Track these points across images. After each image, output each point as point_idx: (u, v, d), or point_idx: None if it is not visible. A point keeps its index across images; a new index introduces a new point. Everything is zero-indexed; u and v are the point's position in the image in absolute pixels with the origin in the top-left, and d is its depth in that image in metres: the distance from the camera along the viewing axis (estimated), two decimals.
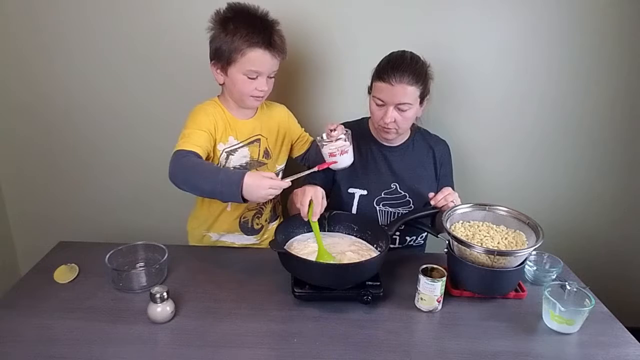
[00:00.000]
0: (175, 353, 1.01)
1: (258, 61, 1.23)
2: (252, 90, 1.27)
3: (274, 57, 1.25)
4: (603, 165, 1.84)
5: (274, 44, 1.23)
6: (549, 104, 1.75)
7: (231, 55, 1.22)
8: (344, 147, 1.26)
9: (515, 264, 1.17)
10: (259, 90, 1.27)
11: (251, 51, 1.21)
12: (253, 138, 1.36)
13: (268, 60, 1.24)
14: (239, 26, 1.20)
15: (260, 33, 1.21)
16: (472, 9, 1.61)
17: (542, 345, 1.07)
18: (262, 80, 1.26)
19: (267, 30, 1.22)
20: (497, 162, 1.84)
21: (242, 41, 1.20)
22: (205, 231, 1.46)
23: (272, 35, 1.23)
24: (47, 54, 1.67)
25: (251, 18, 1.22)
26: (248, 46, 1.20)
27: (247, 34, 1.19)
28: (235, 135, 1.33)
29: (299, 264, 1.13)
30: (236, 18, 1.22)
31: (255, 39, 1.20)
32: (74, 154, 1.82)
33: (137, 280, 1.20)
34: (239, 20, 1.21)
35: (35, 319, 1.09)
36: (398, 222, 1.33)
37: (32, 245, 1.88)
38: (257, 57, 1.22)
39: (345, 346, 1.04)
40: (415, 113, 1.38)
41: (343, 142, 1.25)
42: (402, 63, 1.32)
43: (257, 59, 1.22)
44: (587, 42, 1.66)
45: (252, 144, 1.36)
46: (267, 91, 1.30)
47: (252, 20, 1.22)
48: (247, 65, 1.23)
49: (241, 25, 1.20)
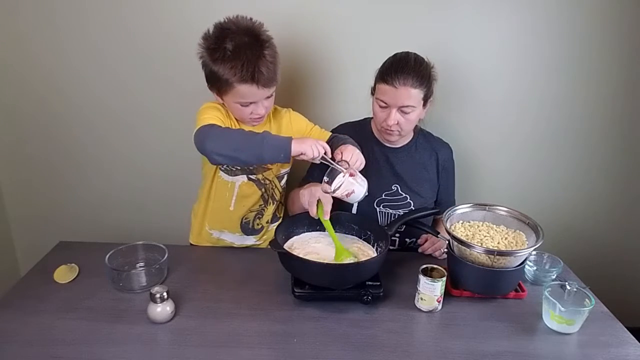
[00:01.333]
0: (175, 353, 1.01)
1: (247, 94, 1.20)
2: (249, 114, 1.25)
3: (263, 88, 1.20)
4: (603, 165, 1.84)
5: (260, 78, 1.17)
6: (549, 104, 1.75)
7: (221, 86, 1.20)
8: (347, 190, 1.20)
9: (515, 264, 1.17)
10: (255, 114, 1.25)
11: (238, 85, 1.18)
12: None
13: (257, 91, 1.20)
14: (225, 58, 1.16)
15: (245, 67, 1.15)
16: (473, 9, 1.61)
17: (542, 345, 1.07)
18: (257, 105, 1.24)
19: (253, 63, 1.16)
20: (497, 162, 1.84)
21: (229, 75, 1.16)
22: (208, 228, 1.45)
23: (258, 67, 1.16)
24: (47, 54, 1.66)
25: (237, 47, 1.16)
26: (235, 81, 1.17)
27: (231, 67, 1.15)
28: None
29: (299, 264, 1.13)
30: (222, 46, 1.16)
31: (240, 74, 1.16)
32: (74, 154, 1.82)
33: (137, 280, 1.20)
34: (226, 50, 1.16)
35: (35, 319, 1.09)
36: (398, 222, 1.33)
37: (32, 245, 1.88)
38: (245, 91, 1.19)
39: (345, 346, 1.04)
40: (418, 115, 1.37)
41: (345, 187, 1.19)
42: (406, 65, 1.31)
43: (245, 92, 1.19)
44: (588, 42, 1.66)
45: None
46: (266, 112, 1.28)
47: (237, 50, 1.16)
48: (237, 97, 1.21)
49: (227, 57, 1.16)
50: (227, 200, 1.40)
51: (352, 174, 1.18)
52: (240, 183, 1.37)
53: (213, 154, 1.11)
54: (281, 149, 1.11)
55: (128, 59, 1.67)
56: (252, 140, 1.11)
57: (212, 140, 1.11)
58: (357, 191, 1.21)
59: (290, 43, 1.65)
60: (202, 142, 1.12)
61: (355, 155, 1.21)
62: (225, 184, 1.37)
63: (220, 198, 1.40)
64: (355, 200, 1.23)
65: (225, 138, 1.13)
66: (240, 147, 1.11)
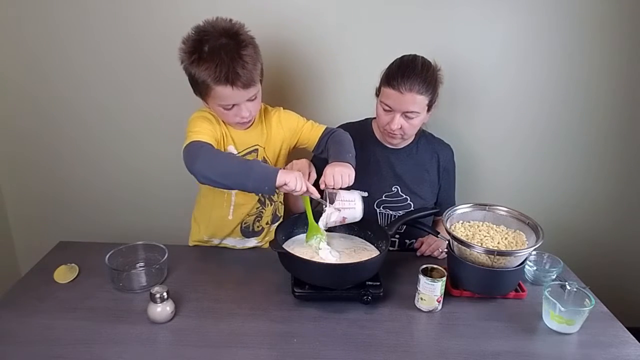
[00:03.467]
0: (175, 353, 1.01)
1: (225, 96, 1.17)
2: (234, 117, 1.23)
3: (241, 89, 1.16)
4: (603, 165, 1.85)
5: (235, 79, 1.13)
6: (549, 104, 1.75)
7: (201, 89, 1.19)
8: (337, 219, 1.23)
9: (515, 264, 1.17)
10: (240, 116, 1.23)
11: (217, 87, 1.15)
12: (251, 148, 1.34)
13: (234, 93, 1.16)
14: (202, 59, 1.13)
15: (219, 68, 1.12)
16: (473, 9, 1.61)
17: (542, 345, 1.07)
18: (240, 107, 1.21)
19: (227, 64, 1.12)
20: (498, 162, 1.84)
21: (205, 77, 1.14)
22: (207, 237, 1.45)
23: (233, 68, 1.12)
24: (47, 54, 1.66)
25: (212, 49, 1.13)
26: (212, 82, 1.14)
27: (206, 68, 1.13)
28: (234, 145, 1.31)
29: (299, 264, 1.13)
30: (199, 48, 1.14)
31: (214, 75, 1.12)
32: (74, 154, 1.82)
33: (137, 280, 1.20)
34: (202, 52, 1.13)
35: (35, 319, 1.09)
36: (398, 222, 1.33)
37: (32, 245, 1.88)
38: (222, 93, 1.16)
39: (345, 346, 1.04)
40: (422, 120, 1.37)
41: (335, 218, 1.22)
42: (414, 71, 1.30)
43: (223, 94, 1.16)
44: (588, 43, 1.66)
45: (249, 155, 1.34)
46: (252, 114, 1.25)
47: (213, 52, 1.13)
48: (217, 100, 1.19)
49: (203, 58, 1.13)
50: (225, 210, 1.40)
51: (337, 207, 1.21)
52: (236, 192, 1.37)
53: (200, 176, 1.11)
54: (266, 181, 1.09)
55: (128, 60, 1.67)
56: (240, 168, 1.11)
57: (202, 162, 1.10)
58: (350, 214, 1.23)
59: (289, 44, 1.65)
60: (192, 162, 1.11)
61: (336, 176, 1.18)
62: (222, 195, 1.37)
63: (218, 207, 1.39)
64: (354, 219, 1.26)
65: (214, 162, 1.11)
66: (227, 174, 1.11)
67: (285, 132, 1.38)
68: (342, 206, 1.22)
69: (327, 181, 1.18)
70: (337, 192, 1.23)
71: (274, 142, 1.37)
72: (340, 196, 1.23)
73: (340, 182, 1.18)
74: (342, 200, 1.23)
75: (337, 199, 1.22)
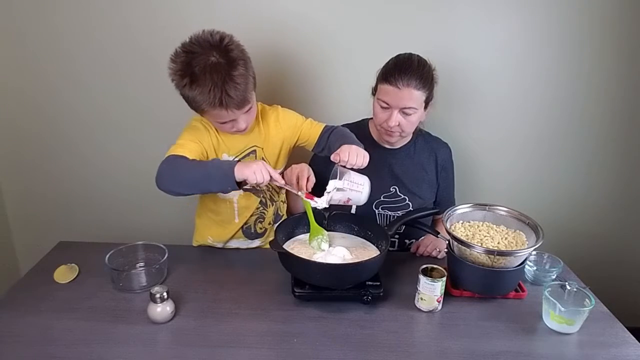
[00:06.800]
0: (175, 353, 1.01)
1: (220, 116, 1.18)
2: (231, 129, 1.24)
3: (238, 109, 1.16)
4: (603, 165, 1.85)
5: (229, 102, 1.13)
6: (549, 104, 1.75)
7: (195, 108, 1.19)
8: (342, 199, 1.20)
9: (515, 264, 1.17)
10: (237, 128, 1.23)
11: (210, 109, 1.15)
12: (248, 150, 1.33)
13: (231, 113, 1.17)
14: (193, 83, 1.12)
15: (212, 93, 1.11)
16: (473, 9, 1.61)
17: (542, 345, 1.07)
18: (235, 121, 1.21)
19: (220, 87, 1.11)
20: (497, 162, 1.84)
21: (198, 101, 1.14)
22: (212, 241, 1.45)
23: (226, 92, 1.11)
24: (48, 55, 1.66)
25: (203, 71, 1.11)
26: (205, 107, 1.15)
27: (200, 93, 1.12)
28: (228, 151, 1.31)
29: (299, 264, 1.13)
30: (189, 71, 1.12)
31: (211, 100, 1.12)
32: (74, 154, 1.82)
33: (137, 280, 1.20)
34: (193, 75, 1.12)
35: (35, 319, 1.09)
36: (397, 222, 1.33)
37: (32, 245, 1.88)
38: (217, 114, 1.17)
39: (345, 346, 1.04)
40: (419, 117, 1.37)
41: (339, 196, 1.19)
42: (410, 66, 1.31)
43: (218, 114, 1.17)
44: (588, 43, 1.66)
45: (247, 157, 1.33)
46: (248, 125, 1.24)
47: (204, 74, 1.11)
48: (213, 118, 1.21)
49: (195, 82, 1.12)
50: (230, 215, 1.40)
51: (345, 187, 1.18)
52: (237, 197, 1.37)
53: (169, 192, 1.15)
54: (227, 182, 1.09)
55: (128, 61, 1.67)
56: (200, 174, 1.13)
57: (166, 179, 1.14)
58: (355, 197, 1.21)
59: (286, 45, 1.65)
60: (159, 182, 1.15)
61: (352, 154, 1.16)
62: (224, 201, 1.37)
63: (223, 213, 1.39)
64: (357, 204, 1.24)
65: (177, 175, 1.14)
66: (191, 183, 1.15)
67: (284, 131, 1.38)
68: (350, 187, 1.18)
69: (341, 156, 1.16)
70: (348, 172, 1.20)
71: (273, 142, 1.37)
72: (350, 176, 1.20)
73: (355, 161, 1.16)
74: (352, 182, 1.19)
75: (346, 178, 1.19)
